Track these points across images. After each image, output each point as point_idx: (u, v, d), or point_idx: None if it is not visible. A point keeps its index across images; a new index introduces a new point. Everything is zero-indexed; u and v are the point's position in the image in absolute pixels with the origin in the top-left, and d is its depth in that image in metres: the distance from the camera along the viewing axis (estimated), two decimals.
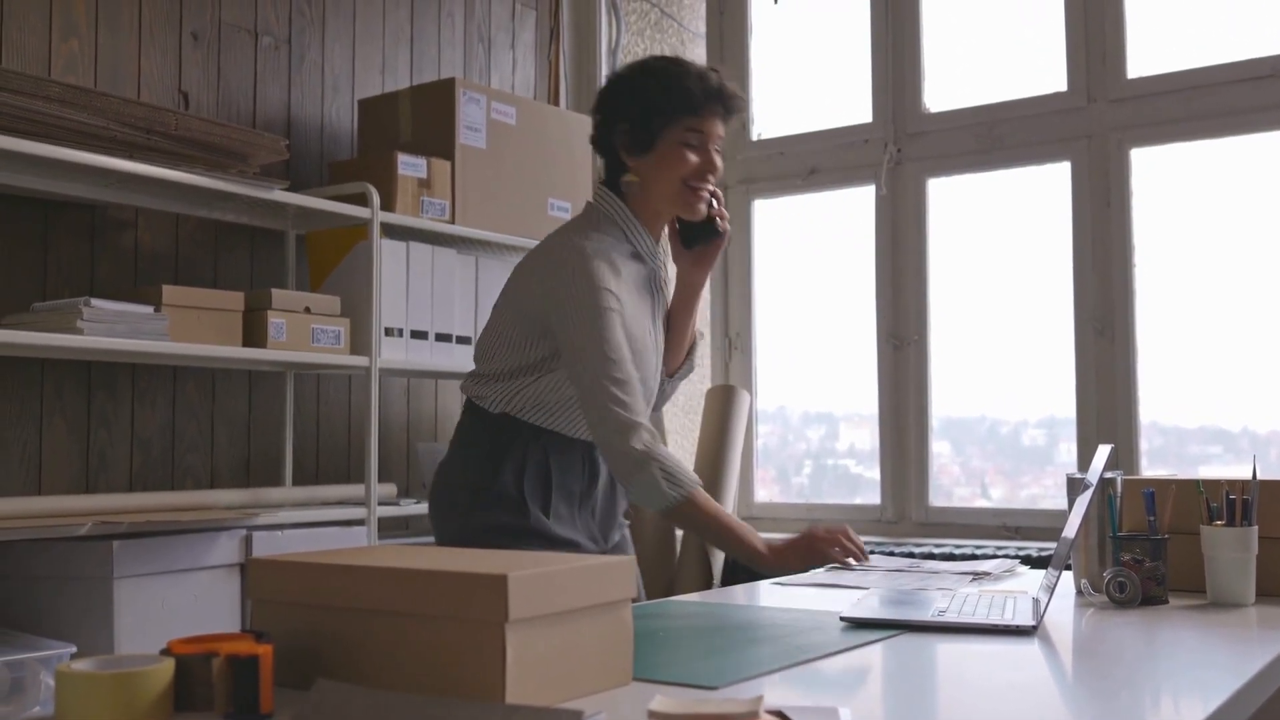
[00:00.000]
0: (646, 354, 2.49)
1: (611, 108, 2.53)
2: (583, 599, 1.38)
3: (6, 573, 2.99)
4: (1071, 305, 3.94)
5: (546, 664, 1.33)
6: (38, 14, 3.24)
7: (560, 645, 1.35)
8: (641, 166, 2.49)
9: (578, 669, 1.37)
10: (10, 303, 3.14)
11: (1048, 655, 1.69)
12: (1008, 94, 4.14)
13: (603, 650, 1.41)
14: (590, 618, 1.39)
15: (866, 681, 1.54)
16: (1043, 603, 1.90)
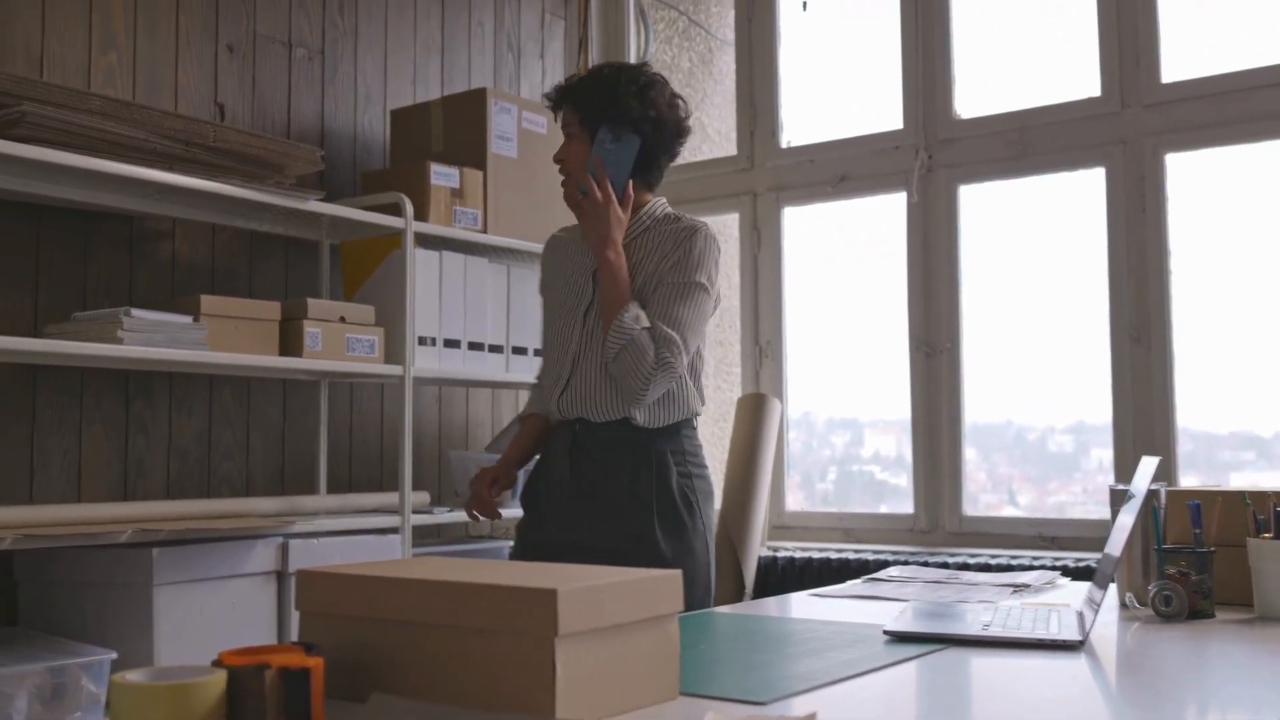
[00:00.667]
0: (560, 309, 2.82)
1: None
2: (631, 613, 1.38)
3: (47, 579, 3.01)
4: (1106, 312, 3.91)
5: (595, 678, 1.33)
6: (78, 28, 3.26)
7: (609, 659, 1.35)
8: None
9: (626, 683, 1.37)
10: (51, 313, 3.17)
11: (1094, 670, 1.68)
12: (1040, 100, 4.12)
13: (650, 664, 1.41)
14: (638, 631, 1.39)
15: (915, 697, 1.54)
16: (1088, 617, 1.89)
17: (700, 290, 2.64)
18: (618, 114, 2.67)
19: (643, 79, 2.71)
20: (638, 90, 2.68)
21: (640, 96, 2.67)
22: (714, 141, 5.09)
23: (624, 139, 2.67)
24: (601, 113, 2.69)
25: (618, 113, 2.67)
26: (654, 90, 2.70)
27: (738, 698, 1.44)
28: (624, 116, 2.67)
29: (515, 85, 4.60)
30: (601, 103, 2.69)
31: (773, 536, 4.49)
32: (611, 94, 2.68)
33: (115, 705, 1.25)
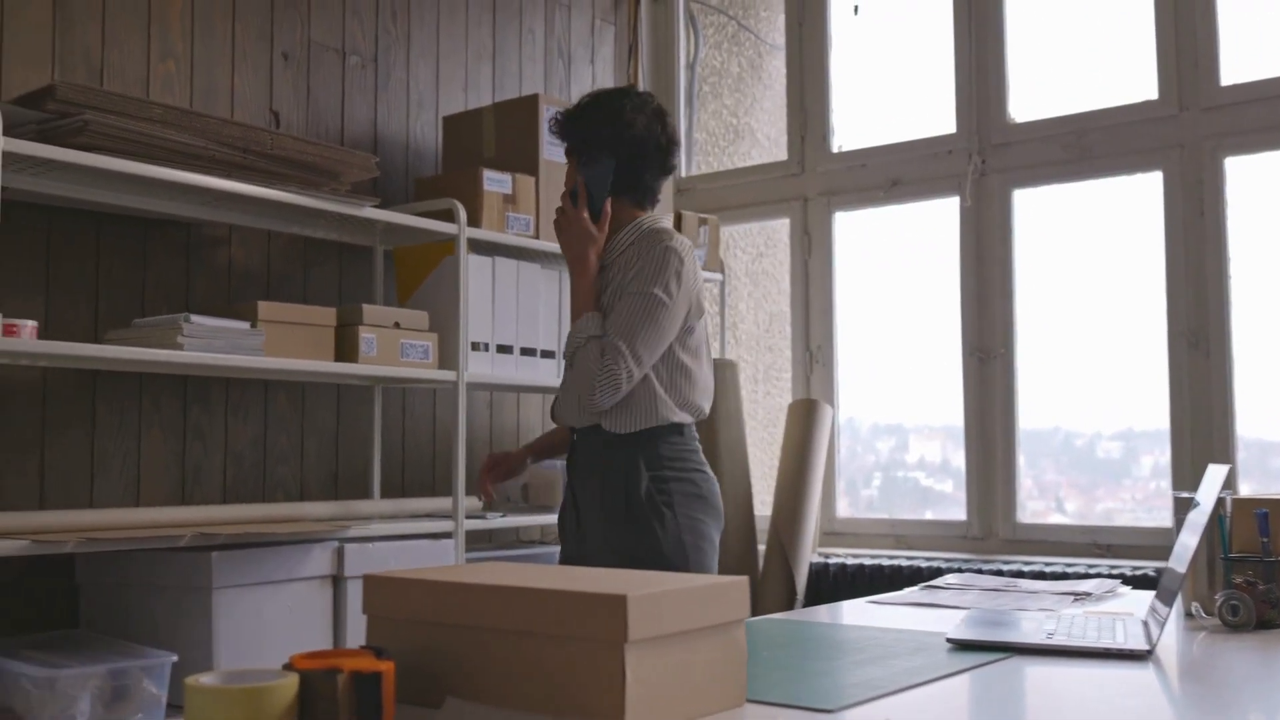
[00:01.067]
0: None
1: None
2: (700, 619, 1.37)
3: (108, 582, 3.04)
4: (1164, 317, 3.88)
5: (664, 685, 1.33)
6: (136, 37, 3.30)
7: (677, 665, 1.34)
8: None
9: (694, 690, 1.37)
10: (111, 318, 3.20)
11: (1163, 680, 1.66)
12: (1096, 103, 4.09)
13: (718, 671, 1.41)
14: (707, 638, 1.39)
15: (982, 706, 1.52)
16: (1154, 627, 1.87)
17: (654, 300, 2.69)
18: (594, 138, 2.81)
19: (618, 102, 2.83)
20: (611, 114, 2.81)
21: (613, 120, 2.80)
22: (763, 146, 5.09)
23: (600, 161, 2.79)
24: (580, 138, 2.84)
25: (594, 137, 2.81)
26: (630, 112, 2.81)
27: (805, 705, 1.43)
28: (599, 140, 2.80)
29: (566, 91, 4.61)
30: (580, 128, 2.84)
31: (823, 543, 4.48)
32: (588, 120, 2.83)
33: (189, 708, 1.26)
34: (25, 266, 3.07)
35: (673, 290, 2.70)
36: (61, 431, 3.13)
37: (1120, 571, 3.62)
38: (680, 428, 2.79)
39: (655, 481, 2.73)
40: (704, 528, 2.78)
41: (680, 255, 2.74)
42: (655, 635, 1.31)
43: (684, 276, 2.72)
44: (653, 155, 2.84)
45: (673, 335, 2.74)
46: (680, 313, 2.73)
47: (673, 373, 2.77)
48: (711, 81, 5.13)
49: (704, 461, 2.85)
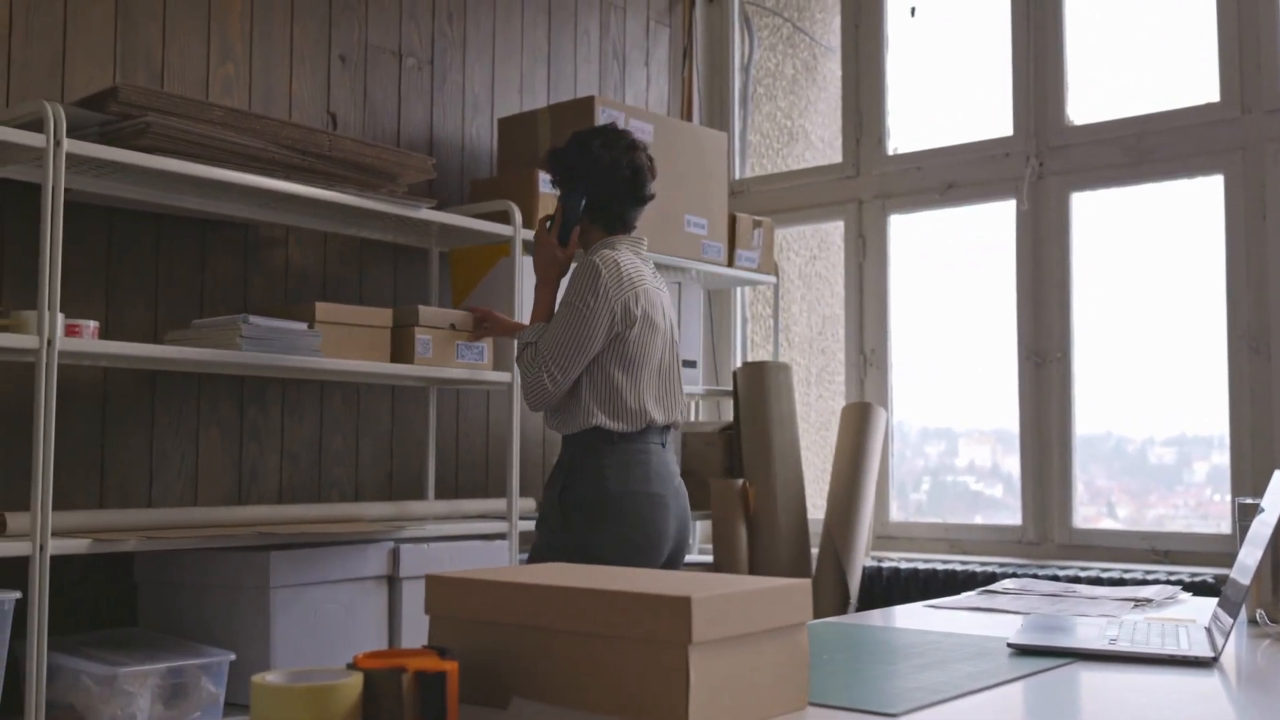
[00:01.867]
0: None
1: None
2: (763, 622, 1.37)
3: (167, 580, 3.07)
4: (1224, 322, 3.83)
5: (727, 687, 1.32)
6: (197, 40, 3.33)
7: (740, 668, 1.34)
8: None
9: (756, 692, 1.37)
10: (170, 319, 3.23)
11: (1228, 688, 1.64)
12: (1156, 105, 4.05)
13: (780, 673, 1.40)
14: (769, 640, 1.38)
15: (1045, 712, 1.51)
16: (1217, 634, 1.85)
17: (571, 310, 2.89)
18: (568, 173, 3.04)
19: (590, 140, 3.03)
20: (581, 151, 3.02)
21: (583, 157, 3.01)
22: (817, 149, 5.07)
23: (574, 193, 3.02)
24: (557, 172, 3.07)
25: (568, 172, 3.04)
26: (598, 149, 3.00)
27: (867, 709, 1.43)
28: (572, 174, 3.03)
29: (620, 93, 4.62)
30: (557, 164, 3.07)
31: (876, 546, 4.45)
32: (563, 156, 3.05)
33: (255, 706, 1.27)
34: (87, 267, 3.11)
35: (589, 301, 2.87)
36: (121, 431, 3.17)
37: (1179, 578, 3.58)
38: (610, 435, 2.90)
39: (566, 485, 2.91)
40: (598, 539, 2.86)
41: (600, 268, 2.89)
42: (719, 637, 1.30)
43: (601, 288, 2.88)
44: (620, 187, 3.01)
45: (594, 343, 2.88)
46: (599, 322, 2.87)
47: (599, 382, 2.91)
48: (766, 83, 5.12)
49: (642, 477, 2.90)
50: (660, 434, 2.99)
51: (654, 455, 2.94)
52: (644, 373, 2.95)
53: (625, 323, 2.90)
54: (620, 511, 2.87)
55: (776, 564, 4.13)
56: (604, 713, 1.31)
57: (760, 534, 4.16)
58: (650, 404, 2.94)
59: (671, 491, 2.97)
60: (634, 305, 2.91)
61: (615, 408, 2.90)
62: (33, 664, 2.51)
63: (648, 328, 2.95)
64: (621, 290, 2.90)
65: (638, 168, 3.03)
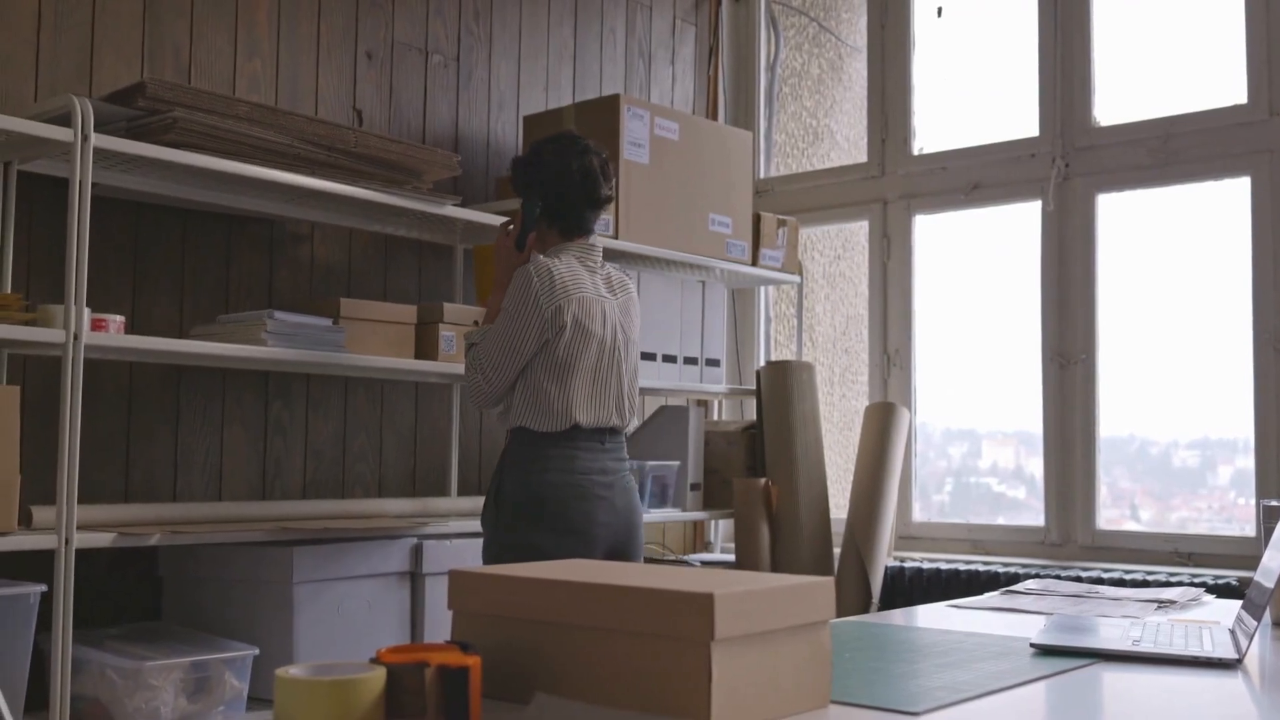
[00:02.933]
0: None
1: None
2: (785, 619, 1.37)
3: (191, 575, 3.08)
4: (1249, 325, 3.81)
5: (749, 683, 1.32)
6: (224, 36, 3.34)
7: (762, 665, 1.34)
8: None
9: (779, 689, 1.37)
10: (196, 314, 3.25)
11: (1250, 690, 1.63)
12: (1183, 107, 4.03)
13: (803, 671, 1.40)
14: (792, 638, 1.38)
15: (1068, 712, 1.51)
16: (1241, 636, 1.84)
17: (505, 315, 2.94)
18: (524, 180, 3.07)
19: (541, 148, 3.08)
20: (534, 159, 3.06)
21: (535, 165, 3.05)
22: (842, 149, 5.06)
23: (530, 200, 3.05)
24: (516, 180, 3.10)
25: (524, 179, 3.08)
26: (548, 155, 3.05)
27: (889, 707, 1.42)
28: (528, 182, 3.06)
29: (646, 91, 4.62)
30: (516, 172, 3.10)
31: (899, 547, 4.44)
32: (520, 165, 3.09)
33: (279, 699, 1.28)
34: (114, 262, 3.13)
35: (520, 307, 2.92)
36: (146, 426, 3.18)
37: (1202, 580, 3.57)
38: (534, 435, 2.94)
39: (500, 484, 2.96)
40: (520, 538, 2.89)
41: (532, 276, 2.92)
42: (741, 634, 1.31)
43: (531, 295, 2.91)
44: (573, 192, 3.04)
45: (524, 348, 2.93)
46: (528, 328, 2.91)
47: (529, 385, 2.95)
48: (791, 83, 5.11)
49: (563, 469, 2.93)
50: (590, 437, 2.99)
51: (580, 456, 2.96)
52: (574, 378, 2.96)
53: (555, 329, 2.93)
54: (543, 503, 2.90)
55: (799, 563, 4.13)
56: (626, 709, 1.31)
57: (782, 533, 4.16)
58: (578, 409, 2.95)
59: (602, 485, 2.98)
60: (564, 313, 2.93)
61: (540, 410, 2.93)
62: (57, 657, 2.52)
63: (579, 334, 2.96)
64: (553, 297, 2.92)
65: (588, 171, 3.05)
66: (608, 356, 3.04)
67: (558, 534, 2.89)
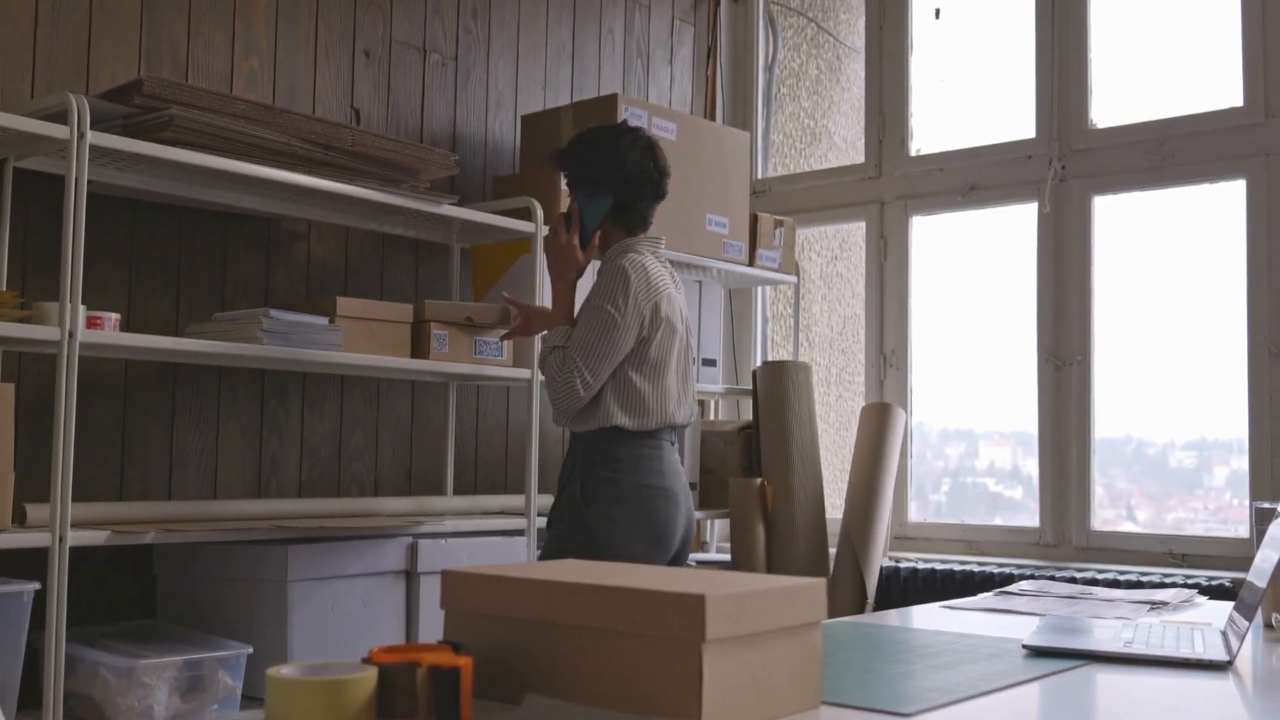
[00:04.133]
0: None
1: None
2: (777, 620, 1.37)
3: (185, 573, 3.08)
4: (1244, 327, 3.82)
5: (741, 684, 1.32)
6: (221, 34, 3.34)
7: (754, 666, 1.34)
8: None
9: (770, 690, 1.37)
10: (192, 312, 3.25)
11: (1241, 691, 1.64)
12: (1179, 109, 4.03)
13: (794, 672, 1.41)
14: (783, 639, 1.39)
15: (1059, 713, 1.51)
16: (1233, 638, 1.84)
17: (601, 313, 2.90)
18: (593, 176, 3.01)
19: (615, 142, 3.02)
20: (608, 154, 3.00)
21: (610, 160, 2.99)
22: (840, 149, 5.07)
23: (597, 197, 2.99)
24: (580, 175, 3.04)
25: (593, 175, 3.01)
26: (624, 151, 3.00)
27: (880, 708, 1.43)
28: (598, 178, 3.00)
29: (644, 91, 4.62)
30: (580, 166, 3.04)
31: (894, 547, 4.45)
32: (588, 158, 3.03)
33: (270, 698, 1.28)
34: (109, 260, 3.13)
35: (620, 305, 2.89)
36: (142, 424, 3.18)
37: (1196, 581, 3.57)
38: (624, 433, 2.93)
39: (586, 479, 2.92)
40: (612, 534, 2.88)
41: (630, 274, 2.91)
42: (733, 635, 1.31)
43: (632, 293, 2.90)
44: (646, 188, 3.03)
45: (624, 346, 2.91)
46: (629, 326, 2.89)
47: (620, 384, 2.92)
48: (789, 83, 5.11)
49: (655, 471, 2.94)
50: (670, 435, 3.01)
51: (665, 453, 2.97)
52: (666, 375, 2.97)
53: (652, 326, 2.93)
54: (635, 506, 2.89)
55: (794, 563, 4.13)
56: (617, 709, 1.32)
57: (778, 533, 4.16)
58: (670, 405, 2.97)
59: (682, 488, 2.99)
60: (660, 310, 2.94)
61: (636, 408, 2.92)
62: (51, 655, 2.52)
63: (669, 332, 2.97)
64: (650, 295, 2.93)
65: (663, 168, 3.06)
66: (686, 352, 3.07)
67: (645, 541, 2.89)
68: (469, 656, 1.32)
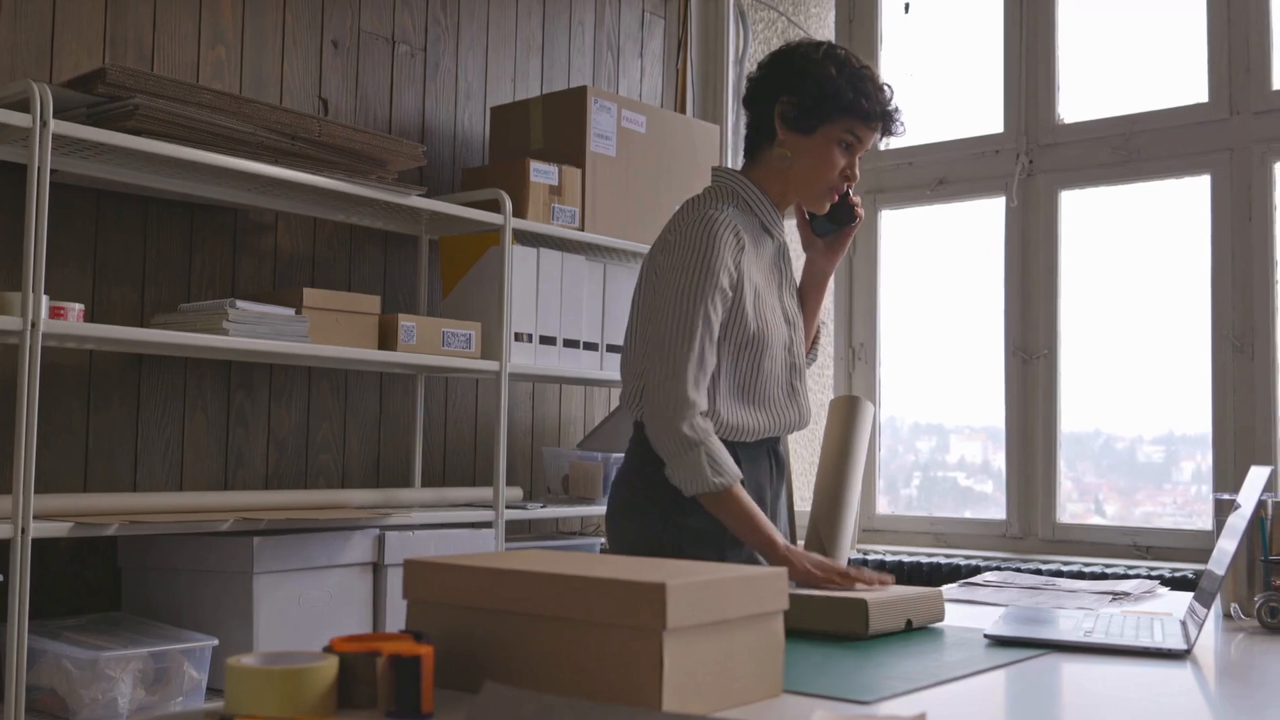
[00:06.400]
0: (776, 329, 2.52)
1: (786, 78, 2.52)
2: (738, 609, 1.38)
3: (150, 565, 3.07)
4: (1209, 321, 3.85)
5: (701, 673, 1.33)
6: (188, 22, 3.33)
7: (715, 654, 1.35)
8: (794, 144, 2.51)
9: (732, 678, 1.37)
10: (158, 303, 3.23)
11: (1200, 680, 1.65)
12: (1146, 105, 4.06)
13: (755, 661, 1.41)
14: (744, 628, 1.39)
15: (1019, 701, 1.52)
16: (1192, 627, 1.86)
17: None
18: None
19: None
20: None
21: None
22: None
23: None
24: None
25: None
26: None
27: (842, 696, 1.43)
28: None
29: (614, 84, 4.62)
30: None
31: (862, 539, 4.47)
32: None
33: (229, 688, 1.28)
34: (73, 249, 3.11)
35: None
36: (106, 415, 3.17)
37: (1159, 573, 3.60)
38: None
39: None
40: (681, 519, 2.48)
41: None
42: (694, 624, 1.31)
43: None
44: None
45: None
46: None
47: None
48: None
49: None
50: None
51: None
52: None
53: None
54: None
55: None
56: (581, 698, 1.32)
57: None
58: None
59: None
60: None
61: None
62: (13, 648, 2.51)
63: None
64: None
65: None
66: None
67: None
68: (430, 645, 1.32)
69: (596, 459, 3.85)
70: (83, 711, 2.58)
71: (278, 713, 1.26)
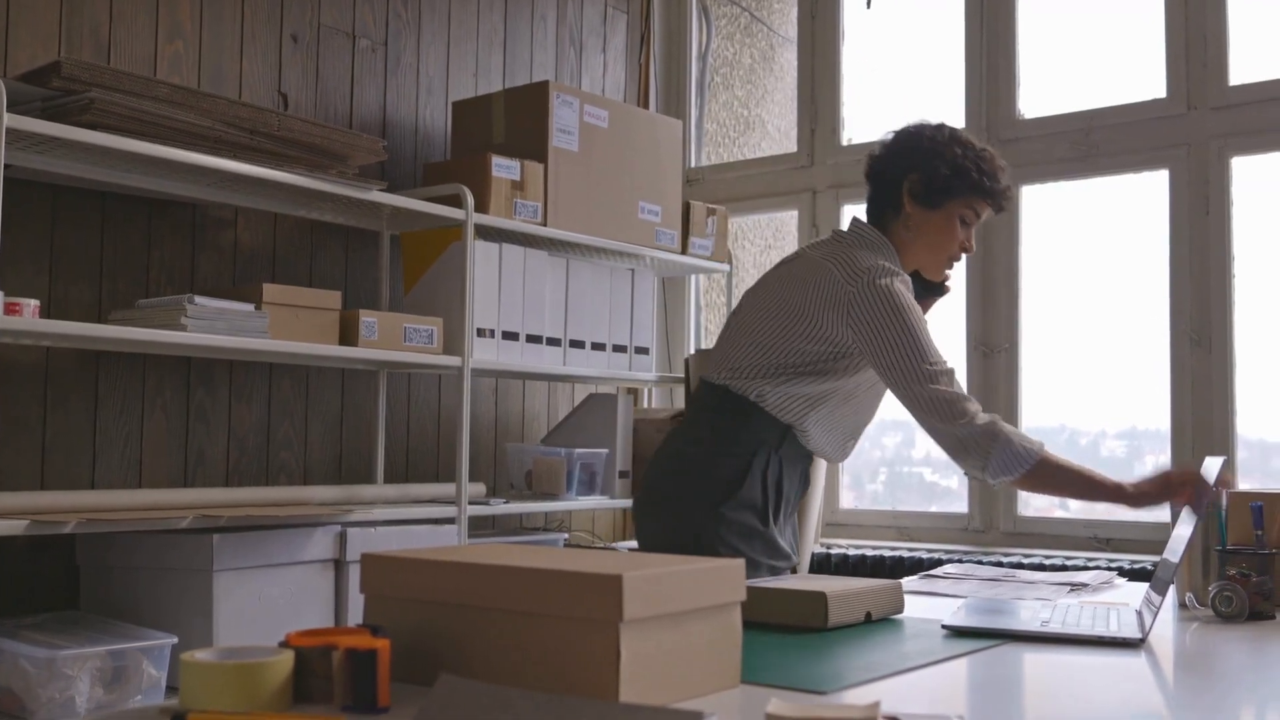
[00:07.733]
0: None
1: (914, 155, 2.71)
2: (695, 600, 1.38)
3: (108, 563, 3.05)
4: (1167, 316, 3.88)
5: (658, 664, 1.33)
6: (145, 16, 3.30)
7: (672, 646, 1.35)
8: (919, 218, 2.72)
9: (688, 670, 1.38)
10: (116, 299, 3.21)
11: (1154, 669, 1.67)
12: (1104, 100, 4.08)
13: (713, 652, 1.41)
14: (701, 619, 1.39)
15: (975, 690, 1.53)
16: (1147, 616, 1.87)
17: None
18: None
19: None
20: None
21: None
22: (773, 138, 5.08)
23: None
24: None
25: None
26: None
27: (799, 686, 1.44)
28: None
29: (576, 79, 4.61)
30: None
31: (826, 534, 4.48)
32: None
33: (184, 682, 1.27)
34: (29, 245, 3.08)
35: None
36: (64, 412, 3.14)
37: (1118, 564, 3.62)
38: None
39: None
40: (737, 516, 2.59)
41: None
42: (650, 615, 1.31)
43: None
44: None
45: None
46: None
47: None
48: (723, 72, 5.12)
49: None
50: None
51: None
52: None
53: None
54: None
55: None
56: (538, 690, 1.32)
57: None
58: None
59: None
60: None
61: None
62: None
63: None
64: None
65: None
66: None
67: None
68: (386, 639, 1.32)
69: (559, 454, 3.85)
70: (40, 711, 2.56)
71: (233, 707, 1.25)
